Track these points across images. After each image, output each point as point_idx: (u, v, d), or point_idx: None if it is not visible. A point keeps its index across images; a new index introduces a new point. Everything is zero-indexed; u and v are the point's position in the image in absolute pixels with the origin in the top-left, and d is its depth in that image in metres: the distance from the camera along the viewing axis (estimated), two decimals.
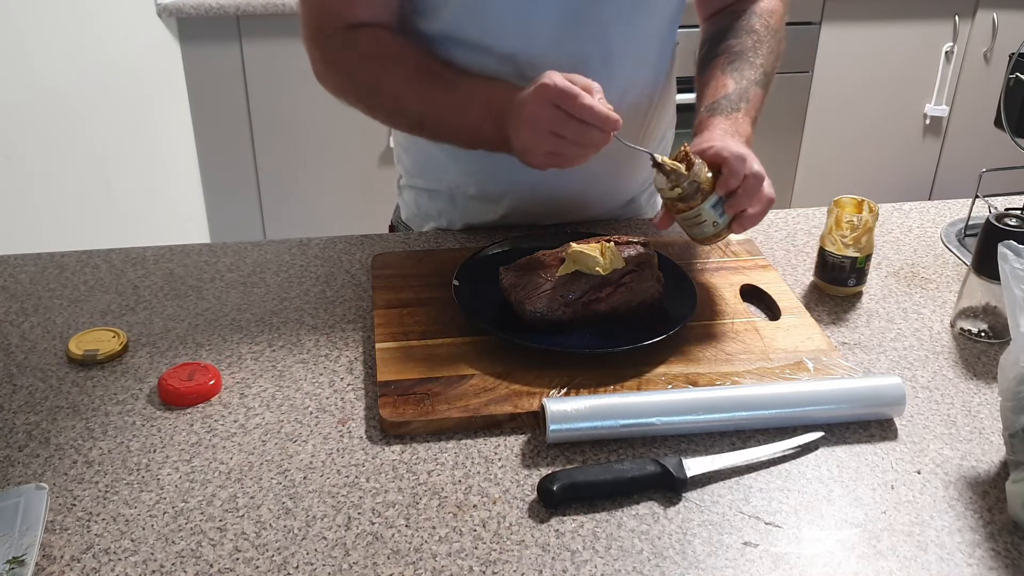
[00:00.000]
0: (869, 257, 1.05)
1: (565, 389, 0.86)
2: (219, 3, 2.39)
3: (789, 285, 1.06)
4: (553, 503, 0.75)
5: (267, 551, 0.71)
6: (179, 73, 2.48)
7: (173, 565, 0.69)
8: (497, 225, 1.20)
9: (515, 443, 0.82)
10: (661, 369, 0.90)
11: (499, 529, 0.73)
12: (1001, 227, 0.94)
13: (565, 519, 0.74)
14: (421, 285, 1.03)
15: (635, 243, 0.99)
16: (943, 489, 0.78)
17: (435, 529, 0.73)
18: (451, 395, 0.85)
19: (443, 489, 0.77)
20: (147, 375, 0.91)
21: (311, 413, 0.86)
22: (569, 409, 0.80)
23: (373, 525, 0.73)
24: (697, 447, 0.82)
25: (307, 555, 0.70)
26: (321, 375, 0.91)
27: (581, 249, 0.95)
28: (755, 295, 1.04)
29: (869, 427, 0.85)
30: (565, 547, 0.71)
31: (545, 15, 1.03)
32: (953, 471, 0.80)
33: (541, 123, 0.92)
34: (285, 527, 0.73)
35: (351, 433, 0.83)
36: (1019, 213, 0.96)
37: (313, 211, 2.72)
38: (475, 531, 0.73)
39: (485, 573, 0.69)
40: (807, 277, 1.10)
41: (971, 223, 1.21)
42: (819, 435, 0.83)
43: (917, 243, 1.20)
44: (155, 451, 0.81)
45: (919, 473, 0.80)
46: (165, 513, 0.74)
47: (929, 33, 2.88)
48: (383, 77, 1.05)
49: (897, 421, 0.86)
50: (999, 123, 1.25)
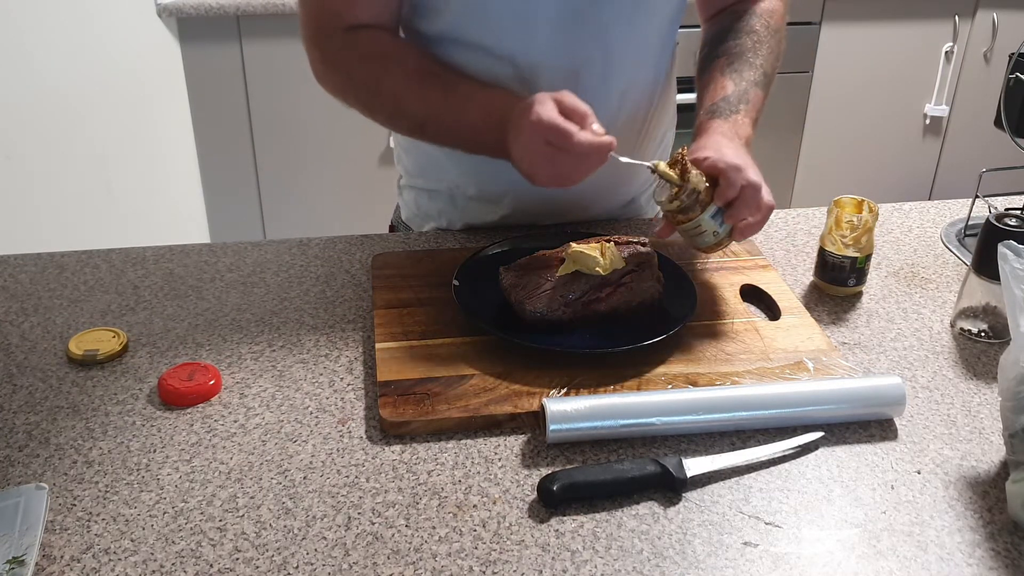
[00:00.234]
0: (869, 257, 1.05)
1: (565, 389, 0.86)
2: (219, 3, 2.39)
3: (789, 285, 1.06)
4: (553, 503, 0.75)
5: (267, 551, 0.71)
6: (179, 73, 2.48)
7: (173, 565, 0.69)
8: (497, 225, 1.20)
9: (515, 443, 0.82)
10: (661, 369, 0.90)
11: (499, 529, 0.73)
12: (1001, 227, 0.94)
13: (565, 519, 0.74)
14: (421, 285, 1.03)
15: (635, 243, 0.99)
16: (943, 489, 0.78)
17: (435, 529, 0.73)
18: (451, 395, 0.85)
19: (443, 489, 0.77)
20: (147, 375, 0.91)
21: (311, 413, 0.86)
22: (569, 409, 0.80)
23: (373, 525, 0.73)
24: (697, 447, 0.82)
25: (307, 555, 0.70)
26: (321, 375, 0.91)
27: (581, 249, 0.95)
28: (755, 295, 1.04)
29: (869, 427, 0.85)
30: (565, 547, 0.71)
31: (545, 16, 1.03)
32: (953, 471, 0.80)
33: (537, 156, 0.94)
34: (285, 527, 0.73)
35: (351, 433, 0.83)
36: (1019, 213, 0.96)
37: (313, 211, 2.72)
38: (475, 531, 0.73)
39: (485, 573, 0.69)
40: (807, 277, 1.10)
41: (971, 223, 1.21)
42: (819, 435, 0.83)
43: (917, 243, 1.20)
44: (155, 451, 0.81)
45: (919, 473, 0.80)
46: (165, 513, 0.74)
47: (929, 33, 2.88)
48: (383, 78, 1.05)
49: (897, 421, 0.86)
50: (999, 123, 1.25)
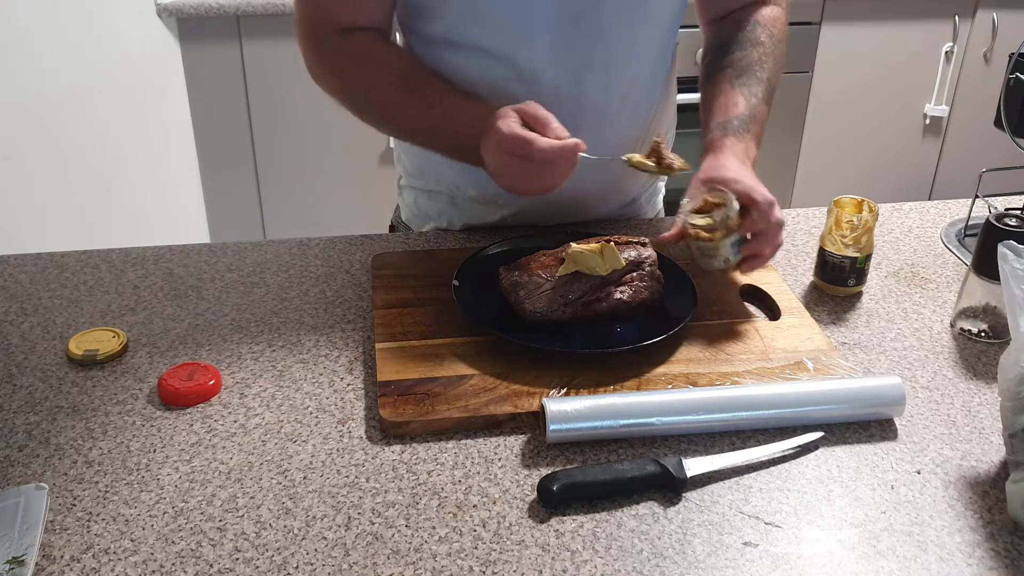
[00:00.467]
0: (869, 257, 1.05)
1: (565, 389, 0.86)
2: (219, 3, 2.39)
3: (789, 285, 1.06)
4: (553, 503, 0.75)
5: (267, 551, 0.71)
6: (179, 73, 2.48)
7: (173, 565, 0.69)
8: (497, 225, 1.20)
9: (515, 443, 0.82)
10: (661, 369, 0.90)
11: (499, 529, 0.73)
12: (1001, 227, 0.94)
13: (565, 519, 0.74)
14: (421, 285, 1.03)
15: (635, 243, 0.99)
16: (943, 489, 0.78)
17: (435, 529, 0.73)
18: (451, 395, 0.85)
19: (443, 489, 0.77)
20: (147, 375, 0.91)
21: (311, 413, 0.86)
22: (569, 409, 0.80)
23: (373, 525, 0.73)
24: (697, 447, 0.82)
25: (307, 555, 0.70)
26: (321, 375, 0.91)
27: (581, 249, 0.95)
28: (755, 295, 1.04)
29: (869, 427, 0.85)
30: (565, 547, 0.71)
31: (544, 20, 1.03)
32: (953, 471, 0.80)
33: (506, 168, 0.96)
34: (285, 527, 0.73)
35: (351, 433, 0.83)
36: (1019, 213, 0.96)
37: (313, 211, 2.72)
38: (475, 531, 0.73)
39: (485, 573, 0.69)
40: (807, 277, 1.10)
41: (971, 223, 1.21)
42: (819, 435, 0.83)
43: (917, 243, 1.20)
44: (155, 451, 0.81)
45: (919, 473, 0.80)
46: (165, 513, 0.74)
47: (929, 33, 2.88)
48: (372, 85, 1.06)
49: (897, 421, 0.86)
50: (999, 123, 1.25)
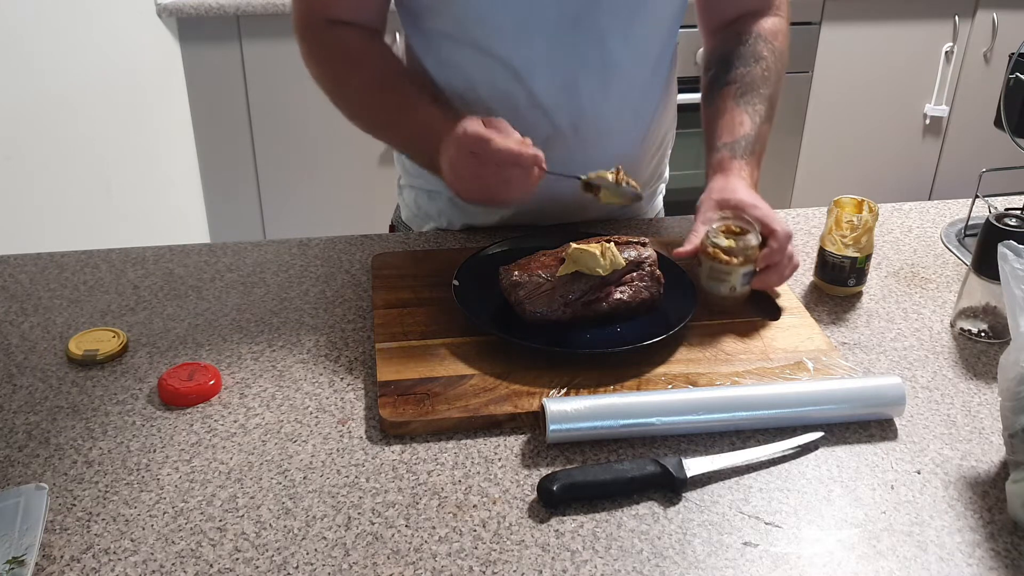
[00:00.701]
0: (869, 257, 1.05)
1: (565, 389, 0.86)
2: (219, 3, 2.39)
3: (789, 285, 1.06)
4: (553, 503, 0.75)
5: (267, 551, 0.71)
6: (179, 73, 2.48)
7: (173, 565, 0.69)
8: (497, 225, 1.20)
9: (515, 443, 0.82)
10: (661, 369, 0.90)
11: (499, 529, 0.73)
12: (1001, 227, 0.94)
13: (565, 519, 0.74)
14: (421, 285, 1.03)
15: (635, 243, 0.99)
16: (943, 489, 0.78)
17: (435, 529, 0.73)
18: (451, 395, 0.85)
19: (443, 489, 0.77)
20: (147, 375, 0.91)
21: (311, 413, 0.86)
22: (569, 409, 0.80)
23: (373, 525, 0.73)
24: (697, 447, 0.82)
25: (307, 555, 0.70)
26: (321, 375, 0.91)
27: (581, 249, 0.95)
28: (755, 295, 1.04)
29: (869, 427, 0.85)
30: (565, 547, 0.71)
31: (542, 22, 1.03)
32: (953, 471, 0.80)
33: (461, 170, 0.95)
34: (285, 527, 0.73)
35: (351, 433, 0.83)
36: (1019, 213, 0.96)
37: (313, 211, 2.72)
38: (475, 531, 0.73)
39: (485, 573, 0.69)
40: (807, 277, 1.10)
41: (971, 223, 1.21)
42: (819, 435, 0.83)
43: (917, 243, 1.20)
44: (155, 451, 0.81)
45: (919, 473, 0.80)
46: (165, 513, 0.74)
47: (929, 33, 2.88)
48: (348, 78, 1.09)
49: (897, 421, 0.86)
50: (999, 123, 1.25)
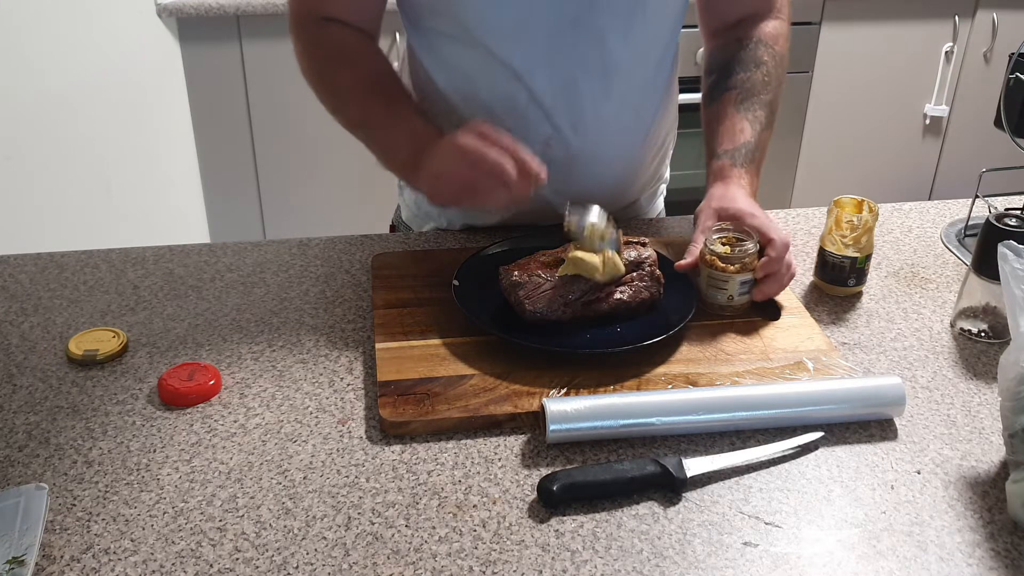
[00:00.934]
0: (869, 257, 1.05)
1: (565, 389, 0.86)
2: (219, 3, 2.39)
3: (789, 285, 1.06)
4: (553, 503, 0.75)
5: (267, 551, 0.71)
6: (179, 73, 2.48)
7: (173, 565, 0.69)
8: (497, 225, 1.20)
9: (515, 443, 0.82)
10: (661, 369, 0.90)
11: (499, 529, 0.73)
12: (1001, 227, 0.94)
13: (565, 519, 0.74)
14: (421, 285, 1.03)
15: (635, 243, 0.99)
16: (943, 489, 0.78)
17: (435, 529, 0.73)
18: (451, 395, 0.85)
19: (443, 489, 0.77)
20: (147, 375, 0.91)
21: (311, 413, 0.86)
22: (569, 409, 0.80)
23: (373, 525, 0.73)
24: (697, 447, 0.82)
25: (307, 555, 0.70)
26: (321, 375, 0.91)
27: (582, 256, 0.94)
28: None
29: (869, 427, 0.85)
30: (565, 547, 0.71)
31: (541, 22, 1.03)
32: (953, 471, 0.80)
33: (450, 168, 0.95)
34: (285, 527, 0.73)
35: (351, 433, 0.83)
36: (1019, 213, 0.96)
37: (313, 211, 2.72)
38: (475, 531, 0.73)
39: (485, 573, 0.69)
40: (807, 277, 1.10)
41: (971, 223, 1.21)
42: (819, 435, 0.83)
43: (917, 243, 1.20)
44: (155, 451, 0.81)
45: (919, 473, 0.80)
46: (165, 513, 0.74)
47: (929, 33, 2.88)
48: (336, 75, 1.09)
49: (897, 421, 0.86)
50: (999, 123, 1.25)
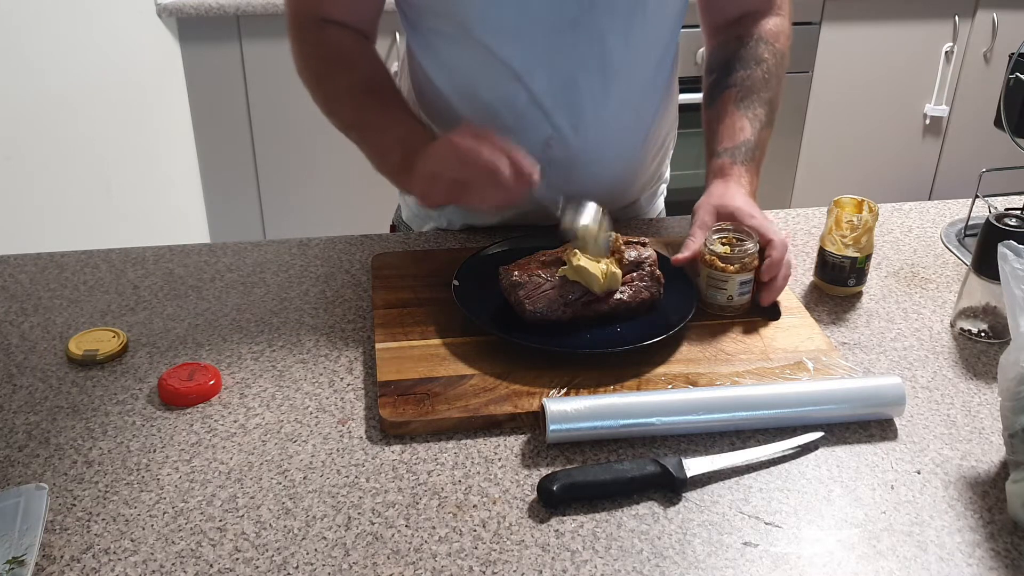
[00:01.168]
0: (869, 257, 1.05)
1: (565, 389, 0.86)
2: (219, 3, 2.39)
3: (789, 285, 1.06)
4: (553, 503, 0.75)
5: (267, 551, 0.71)
6: (179, 73, 2.48)
7: (173, 565, 0.69)
8: (497, 225, 1.20)
9: (515, 443, 0.82)
10: (661, 369, 0.90)
11: (499, 529, 0.73)
12: (1001, 227, 0.94)
13: (565, 519, 0.74)
14: (421, 285, 1.03)
15: (635, 243, 0.99)
16: (943, 489, 0.78)
17: (435, 529, 0.73)
18: (451, 395, 0.85)
19: (443, 489, 0.77)
20: (147, 375, 0.91)
21: (311, 413, 0.86)
22: (569, 409, 0.80)
23: (373, 525, 0.73)
24: (697, 447, 0.82)
25: (307, 555, 0.70)
26: (321, 375, 0.91)
27: (584, 265, 0.94)
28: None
29: (869, 427, 0.85)
30: (565, 547, 0.71)
31: (540, 23, 1.03)
32: (953, 471, 0.80)
33: (444, 165, 0.95)
34: (285, 527, 0.73)
35: (351, 433, 0.83)
36: (1019, 213, 0.96)
37: (313, 211, 2.72)
38: (475, 531, 0.73)
39: (485, 573, 0.69)
40: (807, 277, 1.10)
41: (971, 223, 1.21)
42: (819, 435, 0.83)
43: (917, 243, 1.20)
44: (155, 451, 0.81)
45: (919, 473, 0.80)
46: (165, 513, 0.74)
47: (929, 33, 2.88)
48: (336, 76, 1.09)
49: (897, 421, 0.86)
50: (999, 123, 1.25)
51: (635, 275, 0.96)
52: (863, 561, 0.71)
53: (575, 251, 0.95)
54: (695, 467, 0.78)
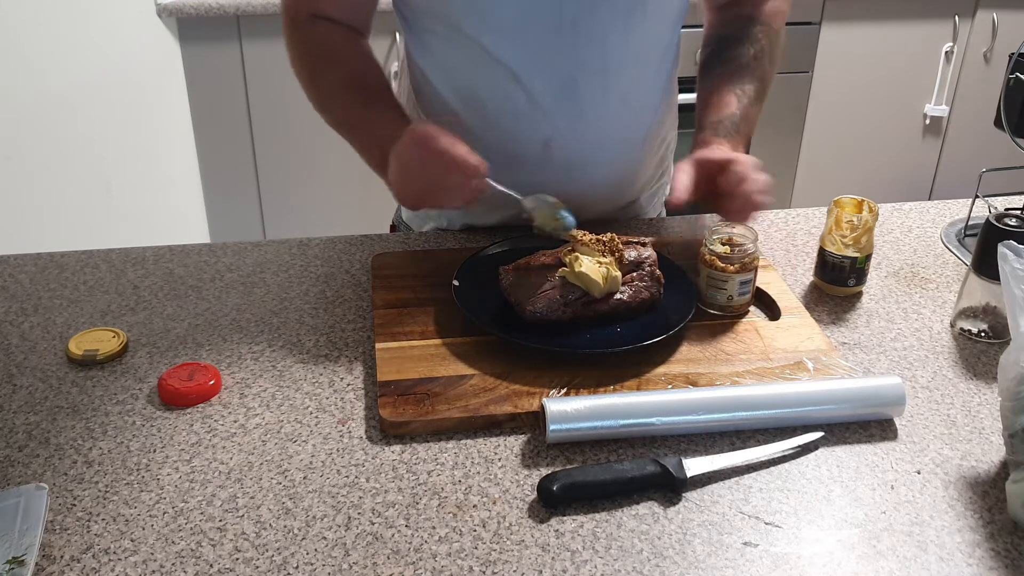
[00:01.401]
0: (869, 257, 1.05)
1: (565, 389, 0.86)
2: (219, 3, 2.39)
3: (789, 285, 1.06)
4: (553, 503, 0.75)
5: (267, 551, 0.71)
6: (179, 73, 2.48)
7: (173, 565, 0.69)
8: (497, 225, 1.20)
9: (515, 443, 0.82)
10: (661, 369, 0.90)
11: (499, 529, 0.73)
12: (1001, 227, 0.94)
13: (565, 519, 0.74)
14: (421, 285, 1.03)
15: (635, 243, 0.99)
16: (943, 489, 0.78)
17: (435, 529, 0.73)
18: (451, 395, 0.85)
19: (443, 489, 0.77)
20: (147, 375, 0.91)
21: (311, 413, 0.86)
22: (569, 409, 0.80)
23: (373, 525, 0.73)
24: (697, 447, 0.82)
25: (307, 555, 0.70)
26: (321, 375, 0.91)
27: (586, 272, 0.94)
28: (755, 295, 1.04)
29: (869, 427, 0.85)
30: (565, 547, 0.71)
31: (540, 23, 1.03)
32: (953, 471, 0.80)
33: (405, 166, 0.97)
34: (285, 527, 0.73)
35: (351, 433, 0.83)
36: (1019, 213, 0.96)
37: (313, 211, 2.72)
38: (475, 531, 0.73)
39: (485, 573, 0.69)
40: (807, 277, 1.10)
41: (971, 223, 1.21)
42: (819, 435, 0.83)
43: (917, 243, 1.20)
44: (155, 451, 0.81)
45: (919, 473, 0.80)
46: (165, 513, 0.74)
47: (929, 33, 2.88)
48: (323, 73, 1.10)
49: (897, 421, 0.86)
50: (999, 123, 1.25)
51: (635, 275, 0.97)
52: (863, 561, 0.71)
53: (576, 255, 0.95)
54: (695, 467, 0.78)
